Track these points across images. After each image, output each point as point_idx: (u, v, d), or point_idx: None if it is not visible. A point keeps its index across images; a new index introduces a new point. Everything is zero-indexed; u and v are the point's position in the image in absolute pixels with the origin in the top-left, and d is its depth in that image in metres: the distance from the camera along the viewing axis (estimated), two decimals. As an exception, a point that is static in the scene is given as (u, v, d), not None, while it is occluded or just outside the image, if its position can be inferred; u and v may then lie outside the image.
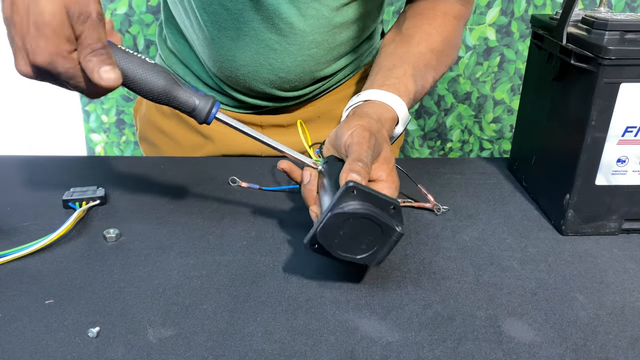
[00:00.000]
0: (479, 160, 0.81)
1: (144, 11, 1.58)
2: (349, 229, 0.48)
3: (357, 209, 0.47)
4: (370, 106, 0.62)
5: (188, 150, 0.86)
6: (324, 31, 0.73)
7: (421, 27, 0.72)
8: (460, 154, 1.76)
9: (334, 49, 0.76)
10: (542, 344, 0.46)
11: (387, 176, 0.53)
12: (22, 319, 0.48)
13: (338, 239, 0.48)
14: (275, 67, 0.75)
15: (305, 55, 0.74)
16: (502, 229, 0.63)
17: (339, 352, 0.45)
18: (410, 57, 0.69)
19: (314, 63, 0.76)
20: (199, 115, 0.53)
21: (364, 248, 0.49)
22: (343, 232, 0.48)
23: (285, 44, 0.73)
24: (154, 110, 0.88)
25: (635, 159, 0.58)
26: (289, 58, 0.74)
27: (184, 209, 0.66)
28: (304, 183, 0.55)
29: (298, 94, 0.80)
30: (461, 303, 0.50)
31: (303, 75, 0.77)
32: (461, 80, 1.65)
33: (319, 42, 0.74)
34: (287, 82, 0.77)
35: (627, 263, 0.57)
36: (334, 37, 0.75)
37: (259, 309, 0.49)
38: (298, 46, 0.73)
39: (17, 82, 1.58)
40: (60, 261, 0.56)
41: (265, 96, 0.80)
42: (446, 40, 0.72)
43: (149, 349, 0.45)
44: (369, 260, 0.49)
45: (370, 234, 0.48)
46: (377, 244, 0.49)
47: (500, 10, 1.56)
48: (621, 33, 0.55)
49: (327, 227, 0.48)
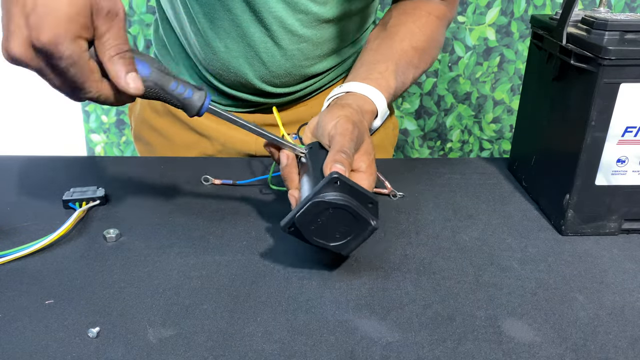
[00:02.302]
0: (479, 160, 0.82)
1: (144, 11, 1.58)
2: (326, 218, 0.50)
3: (338, 199, 0.49)
4: (352, 98, 0.63)
5: (182, 149, 0.86)
6: (312, 26, 0.74)
7: (405, 25, 0.73)
8: (460, 154, 1.76)
9: (322, 44, 0.77)
10: (542, 344, 0.46)
11: (367, 167, 0.55)
12: (22, 319, 0.48)
13: (315, 225, 0.50)
14: (265, 61, 0.75)
15: (295, 50, 0.75)
16: (502, 229, 0.63)
17: (339, 352, 0.45)
18: (394, 54, 0.70)
19: (303, 58, 0.77)
20: (190, 107, 0.52)
21: (338, 237, 0.51)
22: (320, 220, 0.50)
23: (275, 37, 0.73)
24: (148, 109, 0.88)
25: (635, 159, 0.58)
26: (278, 52, 0.75)
27: (184, 209, 0.66)
28: (282, 165, 0.57)
29: (288, 90, 0.80)
30: (461, 303, 0.50)
31: (292, 70, 0.77)
32: (461, 80, 1.65)
33: (307, 37, 0.74)
34: (276, 77, 0.77)
35: (627, 263, 0.57)
36: (322, 32, 0.75)
37: (259, 309, 0.49)
38: (287, 40, 0.74)
39: (17, 82, 1.59)
40: (60, 261, 0.56)
41: (255, 91, 0.80)
42: (429, 38, 0.74)
43: (149, 349, 0.45)
44: (341, 249, 0.51)
45: (347, 224, 0.50)
46: (351, 235, 0.51)
47: (500, 10, 1.56)
48: (621, 33, 0.55)
49: (306, 213, 0.50)
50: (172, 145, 0.87)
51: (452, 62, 1.63)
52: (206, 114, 0.53)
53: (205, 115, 0.55)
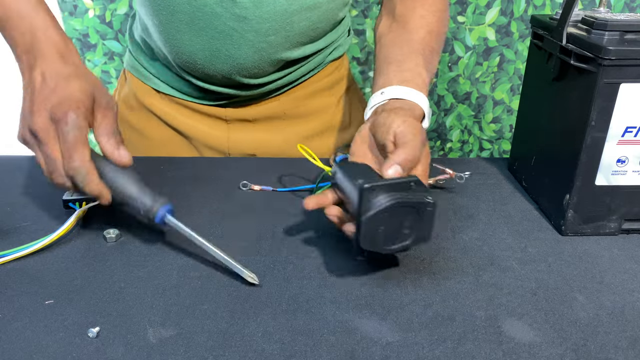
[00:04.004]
0: (478, 161, 0.82)
1: (143, 11, 1.58)
2: (386, 224, 0.49)
3: (384, 203, 0.48)
4: (400, 103, 0.61)
5: (157, 145, 0.86)
6: (280, 18, 0.72)
7: (414, 11, 0.72)
8: (460, 154, 1.76)
9: (292, 37, 0.75)
10: (542, 344, 0.46)
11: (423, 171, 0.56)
12: (22, 319, 0.48)
13: (380, 237, 0.49)
14: (232, 54, 0.74)
15: (263, 42, 0.74)
16: (502, 229, 0.63)
17: (339, 352, 0.45)
18: (416, 46, 0.69)
19: (273, 51, 0.75)
20: (147, 216, 0.56)
21: (408, 232, 0.50)
22: (382, 230, 0.49)
23: (242, 30, 0.72)
24: (122, 105, 0.87)
25: (635, 159, 0.58)
26: (246, 44, 0.73)
27: (184, 209, 0.66)
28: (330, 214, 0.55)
29: (260, 81, 0.79)
30: (461, 303, 0.50)
31: (261, 63, 0.76)
32: (461, 80, 1.65)
33: (276, 29, 0.73)
34: (245, 70, 0.76)
35: (627, 263, 0.57)
36: (291, 25, 0.74)
37: (259, 309, 0.49)
38: (254, 32, 0.72)
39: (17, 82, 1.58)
40: (60, 261, 0.56)
41: (226, 83, 0.79)
42: (440, 19, 0.74)
43: (149, 349, 0.45)
44: (419, 240, 0.51)
45: (407, 217, 0.49)
46: (419, 224, 0.50)
47: (499, 10, 1.56)
48: (621, 33, 0.55)
49: (366, 234, 0.48)
50: (147, 142, 0.86)
51: (452, 62, 1.63)
52: None
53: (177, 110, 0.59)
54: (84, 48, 1.57)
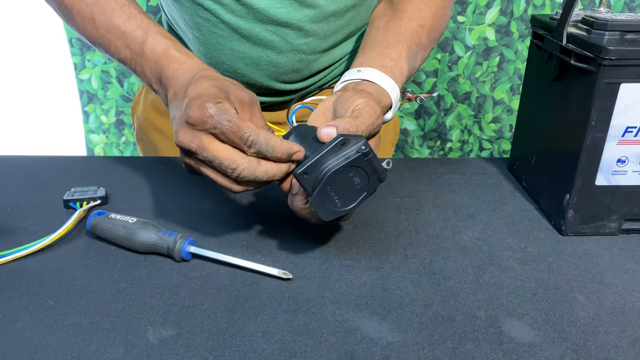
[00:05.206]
0: (478, 160, 0.82)
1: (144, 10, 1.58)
2: (336, 190, 0.50)
3: (321, 179, 0.49)
4: (371, 88, 0.62)
5: None
6: (318, 20, 0.73)
7: (411, 2, 0.73)
8: (460, 154, 1.76)
9: (329, 37, 0.76)
10: (542, 344, 0.46)
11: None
12: (22, 319, 0.48)
13: (339, 202, 0.51)
14: (272, 59, 0.75)
15: (303, 45, 0.75)
16: (502, 229, 0.63)
17: (339, 352, 0.45)
18: (404, 36, 0.69)
19: (310, 52, 0.76)
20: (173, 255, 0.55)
21: (362, 184, 0.51)
22: (336, 197, 0.50)
23: (283, 34, 0.73)
24: (151, 109, 0.88)
25: (635, 159, 0.58)
26: (285, 48, 0.74)
27: (184, 209, 0.66)
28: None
29: (296, 87, 0.80)
30: (461, 303, 0.50)
31: (299, 65, 0.77)
32: (461, 80, 1.65)
33: (314, 31, 0.74)
34: (284, 74, 0.77)
35: (627, 263, 0.57)
36: (328, 25, 0.75)
37: (259, 309, 0.49)
38: (295, 35, 0.73)
39: (17, 82, 1.59)
40: (60, 261, 0.56)
41: (262, 90, 0.80)
42: (436, 14, 0.74)
43: (149, 349, 0.45)
44: (375, 184, 0.52)
45: (352, 175, 0.50)
46: (365, 174, 0.51)
47: (499, 10, 1.56)
48: (621, 33, 0.55)
49: (323, 210, 0.50)
50: (174, 145, 0.87)
51: (452, 62, 1.63)
52: None
53: None
54: (84, 48, 1.57)
